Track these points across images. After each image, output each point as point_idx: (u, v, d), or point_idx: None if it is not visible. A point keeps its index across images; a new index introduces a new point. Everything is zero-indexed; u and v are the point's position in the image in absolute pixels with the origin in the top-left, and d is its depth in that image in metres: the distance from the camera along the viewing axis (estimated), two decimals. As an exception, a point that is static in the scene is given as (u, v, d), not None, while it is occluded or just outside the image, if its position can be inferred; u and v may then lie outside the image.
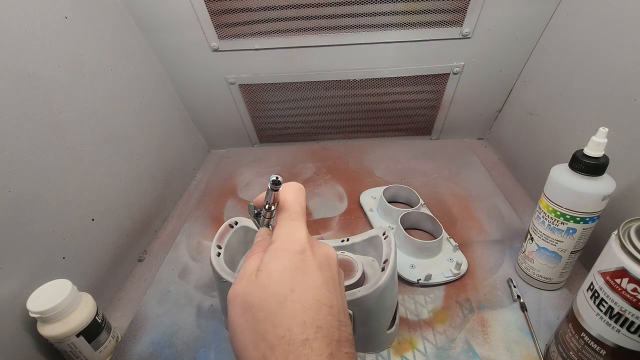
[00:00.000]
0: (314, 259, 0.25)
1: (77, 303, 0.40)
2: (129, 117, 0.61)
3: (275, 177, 0.27)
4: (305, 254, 0.25)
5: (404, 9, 0.62)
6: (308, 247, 0.25)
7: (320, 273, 0.25)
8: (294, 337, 0.21)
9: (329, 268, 0.25)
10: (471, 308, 0.46)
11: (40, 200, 0.43)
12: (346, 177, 0.74)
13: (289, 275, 0.24)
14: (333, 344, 0.22)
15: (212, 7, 0.62)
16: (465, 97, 0.78)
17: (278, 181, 0.27)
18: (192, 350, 0.43)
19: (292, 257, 0.25)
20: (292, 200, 0.28)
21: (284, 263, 0.24)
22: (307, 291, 0.23)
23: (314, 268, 0.25)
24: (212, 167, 0.85)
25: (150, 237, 0.65)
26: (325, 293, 0.24)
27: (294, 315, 0.22)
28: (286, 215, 0.28)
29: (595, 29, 0.53)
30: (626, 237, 0.30)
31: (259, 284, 0.24)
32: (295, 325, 0.21)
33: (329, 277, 0.25)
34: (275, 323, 0.22)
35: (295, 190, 0.30)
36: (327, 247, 0.27)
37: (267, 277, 0.24)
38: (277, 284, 0.23)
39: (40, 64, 0.45)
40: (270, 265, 0.24)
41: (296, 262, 0.24)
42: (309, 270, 0.24)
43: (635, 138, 0.46)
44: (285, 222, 0.27)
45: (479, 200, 0.65)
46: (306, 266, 0.24)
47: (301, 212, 0.28)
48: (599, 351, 0.32)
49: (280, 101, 0.80)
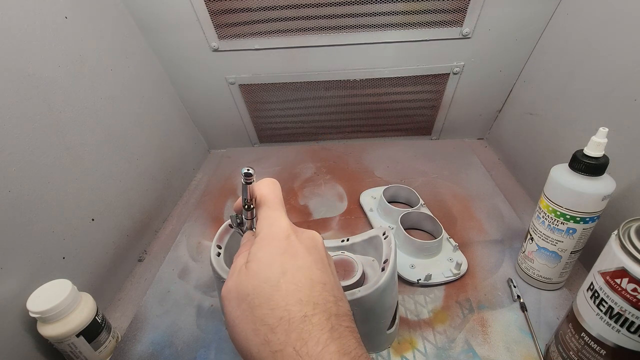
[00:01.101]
0: (300, 242, 0.26)
1: (77, 303, 0.40)
2: (129, 117, 0.61)
3: (246, 169, 0.27)
4: (291, 238, 0.26)
5: (404, 9, 0.62)
6: (292, 233, 0.26)
7: (308, 254, 0.25)
8: (293, 315, 0.21)
9: (316, 250, 0.26)
10: (471, 308, 0.46)
11: (40, 200, 0.43)
12: (346, 177, 0.74)
13: (278, 259, 0.24)
14: (332, 318, 0.22)
15: (212, 7, 0.62)
16: (465, 97, 0.78)
17: (249, 173, 0.27)
18: (192, 350, 0.43)
19: (278, 244, 0.25)
20: (268, 193, 0.29)
21: (271, 250, 0.25)
22: (299, 271, 0.24)
23: (302, 250, 0.25)
24: (212, 167, 0.85)
25: (150, 237, 0.65)
26: (316, 272, 0.24)
27: (289, 295, 0.22)
28: (265, 207, 0.28)
29: (595, 29, 0.53)
30: (626, 237, 0.30)
31: (250, 273, 0.24)
32: (292, 304, 0.22)
33: (317, 258, 0.25)
34: (272, 306, 0.22)
35: (269, 184, 0.30)
36: (311, 231, 0.28)
37: (257, 265, 0.24)
38: (267, 269, 0.24)
39: (40, 64, 0.45)
40: (258, 254, 0.25)
41: (283, 247, 0.25)
42: (297, 253, 0.25)
43: (635, 138, 0.46)
44: (265, 214, 0.28)
45: (479, 200, 0.65)
46: (294, 249, 0.25)
47: (279, 203, 0.29)
48: (599, 351, 0.32)
49: (280, 101, 0.80)
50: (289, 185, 0.72)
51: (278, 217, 0.27)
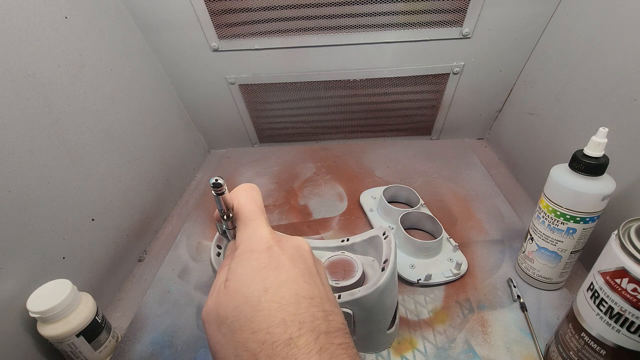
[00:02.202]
0: (283, 253, 0.24)
1: (77, 303, 0.40)
2: (129, 117, 0.61)
3: (214, 179, 0.24)
4: (272, 250, 0.24)
5: (404, 9, 0.62)
6: (274, 243, 0.24)
7: (293, 265, 0.23)
8: (276, 338, 0.20)
9: (302, 259, 0.24)
10: (471, 308, 0.46)
11: (40, 200, 0.43)
12: (346, 177, 0.74)
13: (258, 275, 0.22)
14: (321, 337, 0.20)
15: (212, 7, 0.62)
16: (465, 97, 0.78)
17: (218, 183, 0.24)
18: (192, 350, 0.43)
19: (258, 257, 0.23)
20: (245, 201, 0.27)
21: (250, 264, 0.23)
22: (282, 287, 0.22)
23: (285, 262, 0.23)
24: (212, 167, 0.85)
25: (150, 237, 0.65)
26: (302, 285, 0.22)
27: (271, 316, 0.20)
28: (243, 217, 0.26)
29: (595, 29, 0.53)
30: (626, 237, 0.30)
31: (229, 292, 0.22)
32: (274, 325, 0.20)
33: (303, 269, 0.24)
34: (253, 329, 0.20)
35: (246, 190, 0.28)
36: (297, 239, 0.26)
37: (235, 284, 0.22)
38: (247, 287, 0.22)
39: (40, 64, 0.45)
40: (237, 271, 0.23)
41: (264, 261, 0.23)
42: (279, 266, 0.23)
43: (635, 138, 0.46)
44: (243, 226, 0.26)
45: (479, 200, 0.65)
46: (275, 262, 0.23)
47: (258, 210, 0.26)
48: (599, 351, 0.32)
49: (280, 101, 0.80)
50: (289, 185, 0.72)
51: (257, 226, 0.25)
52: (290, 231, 0.60)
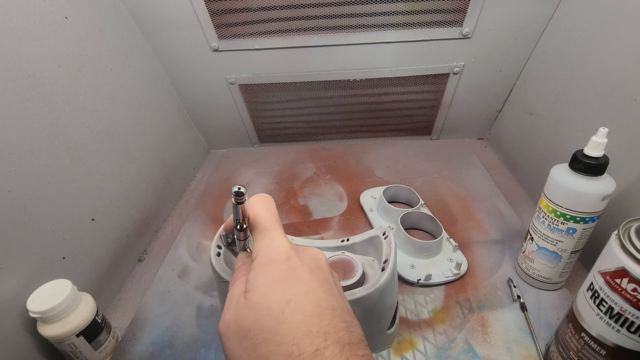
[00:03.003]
0: (302, 264, 0.23)
1: (77, 303, 0.40)
2: (129, 117, 0.61)
3: (237, 188, 0.24)
4: (291, 260, 0.23)
5: (404, 9, 0.62)
6: (292, 254, 0.24)
7: (312, 276, 0.23)
8: (303, 350, 0.19)
9: (320, 270, 0.24)
10: (471, 308, 0.46)
11: (40, 200, 0.43)
12: (346, 177, 0.74)
13: (279, 286, 0.22)
14: (346, 348, 0.20)
15: (212, 7, 0.62)
16: (465, 97, 0.78)
17: (240, 192, 0.24)
18: (192, 350, 0.43)
19: (278, 268, 0.23)
20: (262, 211, 0.26)
21: (271, 275, 0.23)
22: (304, 298, 0.21)
23: (305, 273, 0.23)
24: (212, 167, 0.85)
25: (150, 237, 0.65)
26: (323, 296, 0.22)
27: (296, 327, 0.20)
28: (260, 227, 0.26)
29: (595, 29, 0.53)
30: (626, 237, 0.30)
31: (250, 304, 0.22)
32: (300, 337, 0.20)
33: (322, 280, 0.23)
34: (278, 341, 0.20)
35: (261, 201, 0.27)
36: (313, 249, 0.26)
37: (257, 295, 0.22)
38: (269, 299, 0.21)
39: (40, 64, 0.45)
40: (257, 282, 0.22)
41: (284, 272, 0.23)
42: (299, 277, 0.23)
43: (635, 138, 0.46)
44: (260, 235, 0.25)
45: (479, 200, 0.65)
46: (295, 273, 0.23)
47: (275, 220, 0.26)
48: (599, 351, 0.32)
49: (280, 101, 0.80)
50: (289, 185, 0.72)
51: (275, 237, 0.25)
52: (291, 231, 0.61)
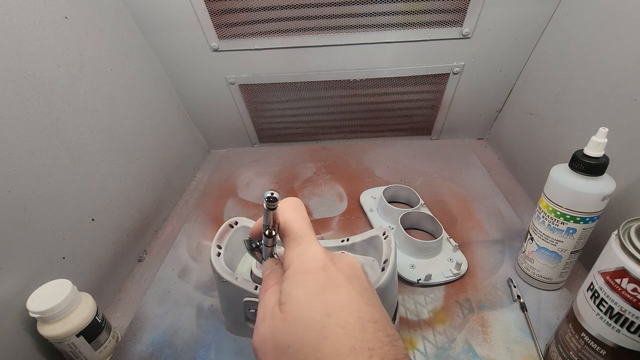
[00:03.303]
0: (340, 272, 0.22)
1: (77, 303, 0.40)
2: (129, 117, 0.61)
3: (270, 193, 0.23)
4: (328, 269, 0.22)
5: (404, 9, 0.62)
6: (328, 261, 0.22)
7: (352, 286, 0.21)
8: None
9: (357, 279, 0.22)
10: (471, 308, 0.46)
11: (40, 200, 0.43)
12: (346, 177, 0.74)
13: (318, 297, 0.20)
14: None
15: (212, 7, 0.62)
16: (465, 97, 0.78)
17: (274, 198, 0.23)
18: (192, 350, 0.43)
19: (315, 277, 0.21)
20: (294, 217, 0.25)
21: (308, 286, 0.21)
22: (344, 310, 0.20)
23: (343, 282, 0.21)
24: (212, 167, 0.85)
25: (150, 237, 0.65)
26: (364, 307, 0.21)
27: (339, 343, 0.19)
28: (292, 234, 0.24)
29: (595, 29, 0.53)
30: (626, 237, 0.30)
31: (288, 317, 0.20)
32: (344, 354, 0.18)
33: (361, 289, 0.22)
34: (320, 358, 0.18)
35: (292, 205, 0.26)
36: (348, 256, 0.24)
37: (294, 308, 0.20)
38: (308, 311, 0.20)
39: (40, 64, 0.45)
40: (293, 293, 0.21)
41: (321, 281, 0.21)
42: (338, 286, 0.21)
43: (635, 138, 0.46)
44: (293, 243, 0.24)
45: (479, 200, 0.65)
46: (334, 282, 0.21)
47: (307, 226, 0.25)
48: (599, 351, 0.32)
49: (280, 101, 0.80)
50: (289, 185, 0.72)
51: (309, 243, 0.23)
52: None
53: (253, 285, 0.39)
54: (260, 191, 0.71)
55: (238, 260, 0.46)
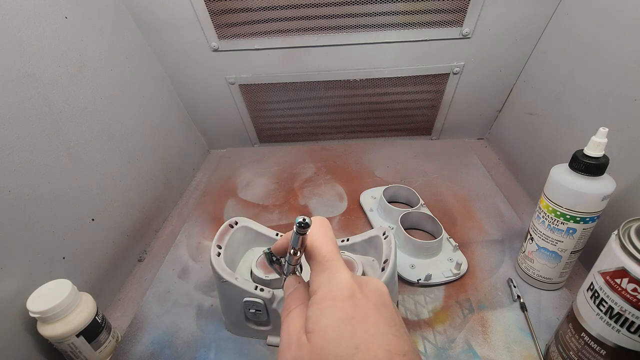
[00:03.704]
0: (368, 300, 0.21)
1: (77, 303, 0.40)
2: (129, 117, 0.61)
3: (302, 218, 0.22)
4: (356, 297, 0.21)
5: (404, 9, 0.62)
6: (357, 289, 0.22)
7: (380, 316, 0.21)
8: None
9: (384, 307, 0.22)
10: (471, 308, 0.46)
11: (40, 200, 0.43)
12: (346, 177, 0.74)
13: (346, 329, 0.20)
14: None
15: (212, 7, 0.62)
16: (465, 97, 0.78)
17: (306, 224, 0.22)
18: (192, 350, 0.43)
19: (342, 306, 0.21)
20: (321, 239, 0.24)
21: (336, 315, 0.21)
22: (373, 343, 0.20)
23: (371, 312, 0.21)
24: (212, 167, 0.85)
25: (150, 237, 0.65)
26: (392, 339, 0.20)
27: None
28: (319, 258, 0.23)
29: (595, 29, 0.53)
30: (626, 237, 0.30)
31: (315, 349, 0.20)
32: None
33: (389, 318, 0.21)
34: None
35: (320, 227, 0.25)
36: (375, 281, 0.24)
37: (322, 339, 0.20)
38: (336, 343, 0.20)
39: (40, 64, 0.45)
40: (321, 323, 0.21)
41: (350, 311, 0.21)
42: (366, 317, 0.21)
43: (635, 138, 0.46)
44: (320, 267, 0.23)
45: (479, 200, 0.65)
46: (362, 312, 0.21)
47: (335, 250, 0.24)
48: (599, 351, 0.32)
49: (280, 101, 0.80)
50: (289, 185, 0.72)
51: (337, 269, 0.23)
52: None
53: (253, 285, 0.39)
54: (260, 191, 0.72)
55: (238, 260, 0.46)
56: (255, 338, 0.44)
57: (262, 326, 0.42)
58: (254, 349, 0.43)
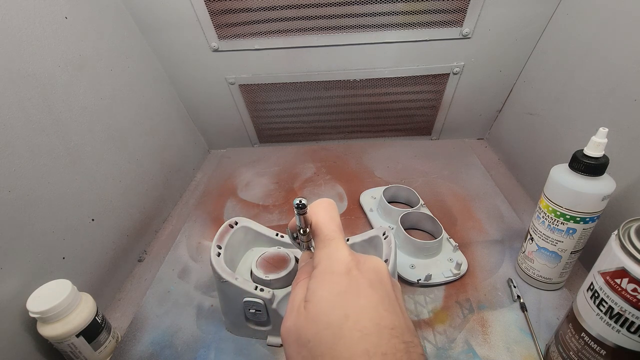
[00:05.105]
0: (363, 277, 0.23)
1: (77, 303, 0.40)
2: (129, 117, 0.61)
3: (298, 201, 0.25)
4: (352, 273, 0.23)
5: (404, 9, 0.62)
6: (353, 266, 0.24)
7: (373, 291, 0.23)
8: None
9: (380, 284, 0.23)
10: (471, 308, 0.46)
11: (40, 200, 0.43)
12: (346, 177, 0.74)
13: (339, 300, 0.22)
14: None
15: (212, 7, 0.62)
16: (465, 97, 0.78)
17: (303, 204, 0.25)
18: (192, 350, 0.43)
19: (338, 280, 0.23)
20: (325, 219, 0.27)
21: (331, 288, 0.23)
22: (363, 314, 0.21)
23: (365, 287, 0.23)
24: (212, 167, 0.85)
25: (150, 237, 0.65)
26: (383, 314, 0.22)
27: (354, 345, 0.20)
28: (322, 236, 0.26)
29: (595, 29, 0.53)
30: (626, 237, 0.30)
31: (310, 316, 0.22)
32: (357, 355, 0.20)
33: (383, 295, 0.23)
34: (334, 356, 0.20)
35: (325, 208, 0.28)
36: (375, 260, 0.25)
37: (316, 307, 0.22)
38: (328, 312, 0.22)
39: (40, 64, 0.45)
40: (317, 293, 0.23)
41: (344, 285, 0.23)
42: (359, 291, 0.22)
43: (635, 138, 0.46)
44: (322, 244, 0.26)
45: (479, 200, 0.65)
46: (356, 287, 0.23)
47: (337, 229, 0.26)
48: (599, 351, 0.32)
49: (280, 101, 0.80)
50: (289, 185, 0.72)
51: (337, 246, 0.25)
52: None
53: (253, 285, 0.39)
54: (260, 191, 0.72)
55: (238, 260, 0.46)
56: (255, 338, 0.44)
57: (262, 326, 0.42)
58: (254, 349, 0.43)
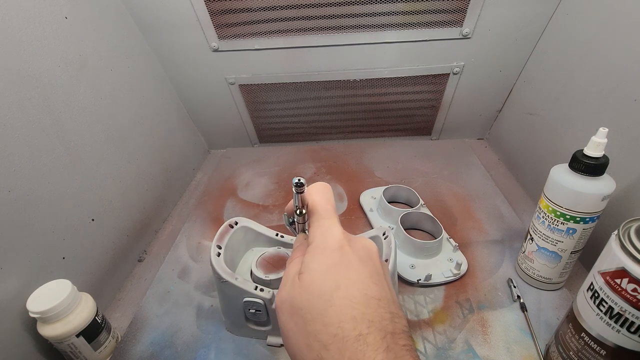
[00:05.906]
0: (354, 253, 0.25)
1: (77, 303, 0.40)
2: (129, 117, 0.61)
3: (297, 179, 0.27)
4: (344, 249, 0.25)
5: (404, 9, 0.62)
6: (345, 243, 0.25)
7: (363, 266, 0.24)
8: (347, 333, 0.21)
9: (370, 261, 0.25)
10: (471, 308, 0.46)
11: (40, 200, 0.42)
12: (346, 177, 0.74)
13: (331, 272, 0.24)
14: (388, 336, 0.21)
15: (212, 7, 0.62)
16: (465, 97, 0.78)
17: (301, 183, 0.27)
18: (192, 351, 0.43)
19: (331, 254, 0.25)
20: (321, 200, 0.28)
21: (324, 261, 0.24)
22: (353, 286, 0.23)
23: (355, 262, 0.24)
24: (212, 167, 0.85)
25: (150, 237, 0.65)
26: (371, 286, 0.23)
27: (343, 312, 0.22)
28: (317, 215, 0.28)
29: (595, 29, 0.53)
30: (626, 237, 0.30)
31: (303, 285, 0.24)
32: (345, 321, 0.21)
33: (372, 270, 0.25)
34: (325, 322, 0.22)
35: (321, 190, 0.29)
36: (365, 240, 0.27)
37: (310, 278, 0.24)
38: (320, 282, 0.23)
39: (40, 64, 0.45)
40: (311, 265, 0.24)
41: (336, 259, 0.24)
42: (350, 265, 0.24)
43: (635, 138, 0.46)
44: (317, 223, 0.27)
45: (479, 200, 0.65)
46: (347, 261, 0.24)
47: (331, 210, 0.28)
48: (599, 351, 0.32)
49: (280, 101, 0.80)
50: (289, 186, 0.72)
51: (330, 225, 0.27)
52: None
53: (253, 285, 0.39)
54: (260, 191, 0.72)
55: (238, 260, 0.46)
56: (255, 338, 0.44)
57: (262, 326, 0.42)
58: (254, 349, 0.43)
